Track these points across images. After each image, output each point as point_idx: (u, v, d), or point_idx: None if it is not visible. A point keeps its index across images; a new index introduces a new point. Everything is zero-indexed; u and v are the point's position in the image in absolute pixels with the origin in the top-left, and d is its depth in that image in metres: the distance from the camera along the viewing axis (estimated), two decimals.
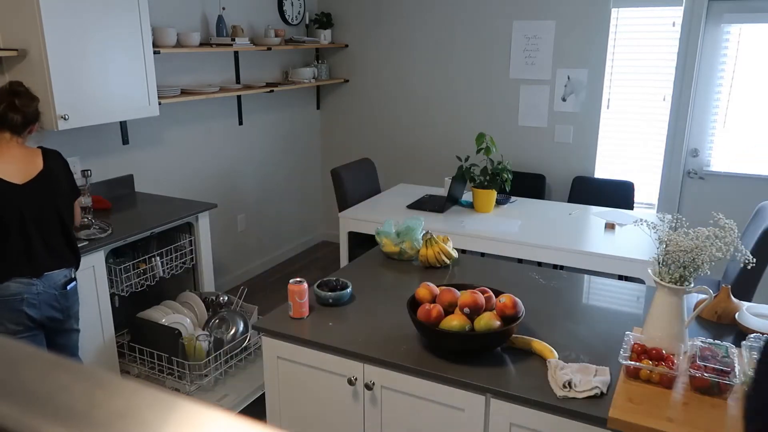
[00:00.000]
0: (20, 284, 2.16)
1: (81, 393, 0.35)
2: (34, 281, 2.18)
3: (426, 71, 4.65)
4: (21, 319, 2.19)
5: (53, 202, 2.22)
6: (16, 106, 2.17)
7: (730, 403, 1.46)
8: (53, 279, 2.24)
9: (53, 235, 2.24)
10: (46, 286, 2.22)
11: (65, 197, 2.27)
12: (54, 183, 2.23)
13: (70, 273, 2.32)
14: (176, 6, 3.65)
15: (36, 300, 2.20)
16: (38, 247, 2.19)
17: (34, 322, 2.23)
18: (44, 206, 2.19)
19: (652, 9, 3.87)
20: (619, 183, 4.12)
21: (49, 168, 2.22)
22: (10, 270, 2.15)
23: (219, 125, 4.13)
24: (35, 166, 2.20)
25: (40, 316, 2.23)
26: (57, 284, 2.25)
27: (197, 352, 2.76)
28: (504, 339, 1.66)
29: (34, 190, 2.17)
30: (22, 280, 2.16)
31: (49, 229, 2.22)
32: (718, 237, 1.58)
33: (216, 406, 1.47)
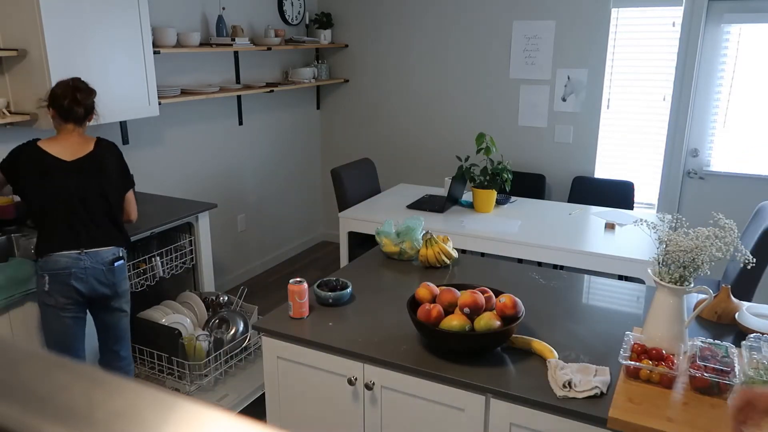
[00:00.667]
0: (69, 258, 2.26)
1: (81, 393, 0.35)
2: (81, 256, 2.28)
3: (426, 71, 4.65)
4: (70, 293, 2.28)
5: (98, 183, 2.32)
6: (78, 101, 2.31)
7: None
8: (101, 255, 2.33)
9: (99, 215, 2.34)
10: (94, 261, 2.31)
11: (112, 183, 2.37)
12: (100, 166, 2.33)
13: (118, 252, 2.40)
14: (176, 6, 3.65)
15: (84, 274, 2.29)
16: (84, 223, 2.30)
17: (83, 297, 2.32)
18: (90, 185, 2.30)
19: (652, 9, 3.87)
20: (619, 183, 4.12)
21: (98, 152, 2.35)
22: (58, 242, 2.26)
23: (219, 125, 4.13)
24: (86, 149, 2.33)
25: (88, 290, 2.32)
26: (105, 261, 2.34)
27: (197, 352, 2.76)
28: (504, 339, 1.65)
29: (81, 169, 2.29)
30: (70, 254, 2.26)
31: (95, 208, 2.32)
32: (718, 237, 1.58)
33: (216, 406, 1.47)
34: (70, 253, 2.27)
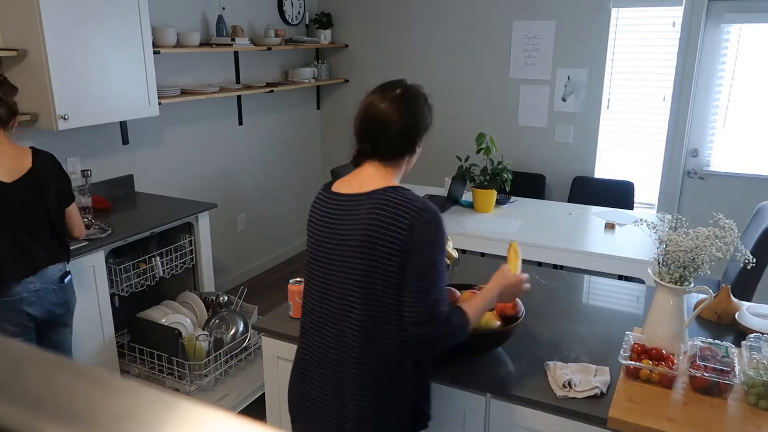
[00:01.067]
0: (18, 284, 2.14)
1: (81, 393, 0.35)
2: (31, 279, 2.16)
3: (426, 71, 4.65)
4: (21, 319, 2.17)
5: (40, 203, 2.16)
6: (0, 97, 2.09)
7: (730, 403, 1.46)
8: (48, 275, 2.22)
9: (42, 234, 2.19)
10: (43, 282, 2.20)
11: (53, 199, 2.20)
12: (40, 183, 2.16)
13: (64, 267, 2.30)
14: (176, 6, 3.65)
15: (35, 297, 2.18)
16: (30, 245, 2.16)
17: (34, 321, 2.21)
18: (33, 205, 2.14)
19: (652, 9, 3.87)
20: (619, 183, 4.12)
21: (37, 168, 2.16)
22: (6, 270, 2.12)
23: (219, 125, 4.13)
24: (24, 164, 2.13)
25: (42, 313, 2.22)
26: (54, 279, 2.24)
27: (197, 352, 2.76)
28: (504, 339, 1.65)
29: (23, 189, 2.11)
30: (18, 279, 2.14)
31: (39, 228, 2.18)
32: (718, 237, 1.58)
33: (216, 406, 1.47)
34: (17, 278, 2.13)
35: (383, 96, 1.44)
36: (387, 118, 1.41)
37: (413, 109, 1.43)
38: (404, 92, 1.44)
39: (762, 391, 1.44)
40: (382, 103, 1.43)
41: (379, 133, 1.43)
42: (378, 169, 1.45)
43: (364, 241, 1.35)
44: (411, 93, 1.45)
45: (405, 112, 1.42)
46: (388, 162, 1.45)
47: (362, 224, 1.36)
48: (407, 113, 1.42)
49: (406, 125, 1.42)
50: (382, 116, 1.42)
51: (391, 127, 1.41)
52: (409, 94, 1.45)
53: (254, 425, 0.34)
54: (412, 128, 1.43)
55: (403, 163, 1.48)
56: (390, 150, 1.44)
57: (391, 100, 1.42)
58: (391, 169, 1.46)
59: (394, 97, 1.43)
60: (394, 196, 1.37)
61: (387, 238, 1.33)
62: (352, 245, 1.37)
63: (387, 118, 1.41)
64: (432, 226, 1.34)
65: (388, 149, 1.44)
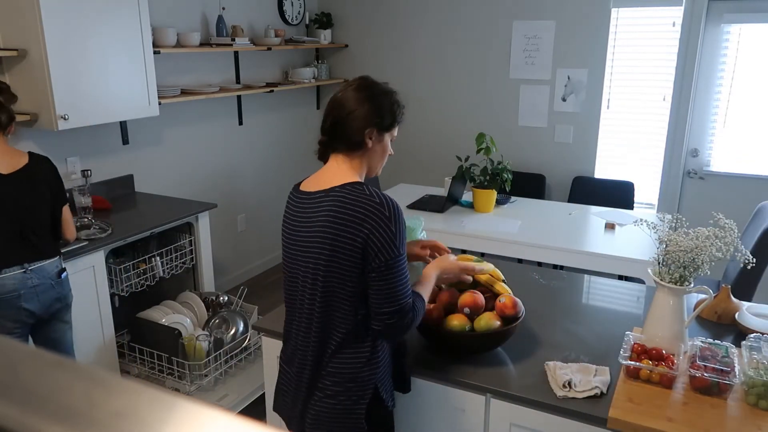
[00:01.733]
0: (14, 280, 2.15)
1: (81, 393, 0.35)
2: (28, 275, 2.18)
3: (426, 71, 4.65)
4: (20, 315, 2.18)
5: (37, 196, 2.20)
6: (1, 103, 2.16)
7: (730, 403, 1.46)
8: (46, 270, 2.23)
9: (39, 227, 2.22)
10: (41, 277, 2.21)
11: (48, 197, 2.23)
12: (37, 180, 2.20)
13: (60, 263, 2.31)
14: (176, 6, 3.65)
15: (33, 293, 2.19)
16: (26, 236, 2.17)
17: (33, 317, 2.22)
18: (28, 199, 2.18)
19: (652, 9, 3.87)
20: (619, 183, 4.12)
21: (33, 166, 2.20)
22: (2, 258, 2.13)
23: (219, 125, 4.13)
24: (20, 162, 2.18)
25: (40, 308, 2.22)
26: (51, 274, 2.25)
27: (197, 352, 2.76)
28: (504, 339, 1.65)
29: (20, 181, 2.16)
30: (15, 275, 2.15)
31: (36, 221, 2.20)
32: (718, 237, 1.58)
33: (216, 406, 1.47)
34: (14, 273, 2.14)
35: (344, 88, 1.48)
36: (340, 108, 1.45)
37: (366, 99, 1.44)
38: (361, 84, 1.47)
39: (762, 391, 1.44)
40: (340, 93, 1.47)
41: (331, 123, 1.47)
42: (340, 164, 1.47)
43: (324, 237, 1.38)
44: (368, 85, 1.47)
45: (357, 102, 1.44)
46: (347, 154, 1.47)
47: (322, 221, 1.39)
48: (359, 103, 1.44)
49: (354, 114, 1.43)
50: (336, 106, 1.46)
51: (340, 114, 1.44)
52: (366, 86, 1.47)
53: (254, 425, 0.34)
54: (360, 118, 1.43)
55: (361, 157, 1.48)
56: (341, 141, 1.46)
57: (346, 91, 1.46)
58: (351, 163, 1.47)
59: (352, 88, 1.46)
60: (351, 191, 1.39)
61: (346, 234, 1.36)
62: (313, 241, 1.40)
63: (340, 108, 1.45)
64: (391, 220, 1.36)
65: (339, 140, 1.46)
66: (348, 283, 1.39)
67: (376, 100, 1.45)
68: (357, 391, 1.44)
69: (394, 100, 1.50)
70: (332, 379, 1.44)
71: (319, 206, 1.42)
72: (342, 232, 1.36)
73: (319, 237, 1.39)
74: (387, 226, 1.36)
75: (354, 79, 1.49)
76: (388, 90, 1.50)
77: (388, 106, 1.48)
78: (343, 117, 1.44)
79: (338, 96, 1.47)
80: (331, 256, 1.38)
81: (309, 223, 1.43)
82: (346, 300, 1.41)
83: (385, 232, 1.35)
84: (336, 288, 1.40)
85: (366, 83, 1.47)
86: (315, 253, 1.40)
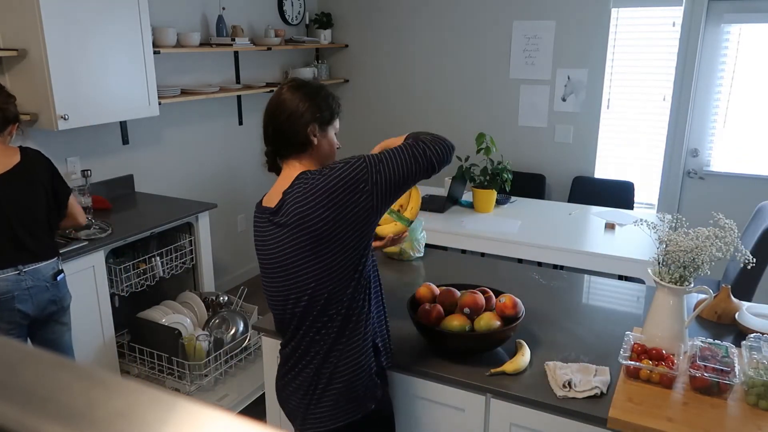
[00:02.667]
0: (8, 282, 2.13)
1: (81, 393, 0.35)
2: (22, 276, 2.15)
3: (426, 71, 4.65)
4: (14, 317, 2.16)
5: (31, 195, 2.17)
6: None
7: (730, 403, 1.46)
8: (41, 272, 2.21)
9: (33, 228, 2.19)
10: (35, 279, 2.19)
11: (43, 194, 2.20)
12: (31, 177, 2.17)
13: (56, 265, 2.28)
14: (176, 6, 3.65)
15: (27, 295, 2.17)
16: (20, 238, 2.15)
17: (28, 319, 2.20)
18: (22, 198, 2.15)
19: (652, 9, 3.87)
20: (619, 183, 4.12)
21: (26, 163, 2.17)
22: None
23: (219, 125, 4.13)
24: (12, 161, 2.15)
25: (35, 310, 2.20)
26: (46, 276, 2.22)
27: (197, 352, 2.76)
28: (504, 339, 1.65)
29: (12, 181, 2.13)
30: (8, 276, 2.13)
31: (30, 221, 2.17)
32: (718, 237, 1.58)
33: (216, 406, 1.47)
34: (8, 275, 2.12)
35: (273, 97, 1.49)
36: (276, 115, 1.46)
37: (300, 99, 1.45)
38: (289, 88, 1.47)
39: (762, 391, 1.44)
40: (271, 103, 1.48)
41: (272, 131, 1.47)
42: (293, 169, 1.47)
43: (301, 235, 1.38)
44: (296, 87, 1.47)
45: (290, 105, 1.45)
46: (296, 158, 1.48)
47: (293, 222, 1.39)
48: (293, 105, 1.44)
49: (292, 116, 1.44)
50: (272, 114, 1.47)
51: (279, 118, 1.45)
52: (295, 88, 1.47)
53: (254, 425, 0.34)
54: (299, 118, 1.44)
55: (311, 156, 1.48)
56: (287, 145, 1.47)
57: (277, 98, 1.47)
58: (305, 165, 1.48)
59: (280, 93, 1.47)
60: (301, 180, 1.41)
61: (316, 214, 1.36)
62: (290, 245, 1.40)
63: (276, 115, 1.46)
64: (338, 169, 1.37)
65: (285, 145, 1.47)
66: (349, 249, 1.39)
67: (310, 97, 1.46)
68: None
69: (327, 93, 1.51)
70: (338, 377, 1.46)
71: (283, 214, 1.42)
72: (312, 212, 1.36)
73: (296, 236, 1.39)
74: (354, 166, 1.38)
75: (282, 84, 1.50)
76: (318, 85, 1.51)
77: (323, 100, 1.48)
78: (283, 121, 1.44)
79: (272, 102, 1.47)
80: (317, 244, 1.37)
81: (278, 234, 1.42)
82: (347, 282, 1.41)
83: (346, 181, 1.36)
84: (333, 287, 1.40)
85: (296, 84, 1.48)
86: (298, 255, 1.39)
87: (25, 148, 2.21)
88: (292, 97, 1.45)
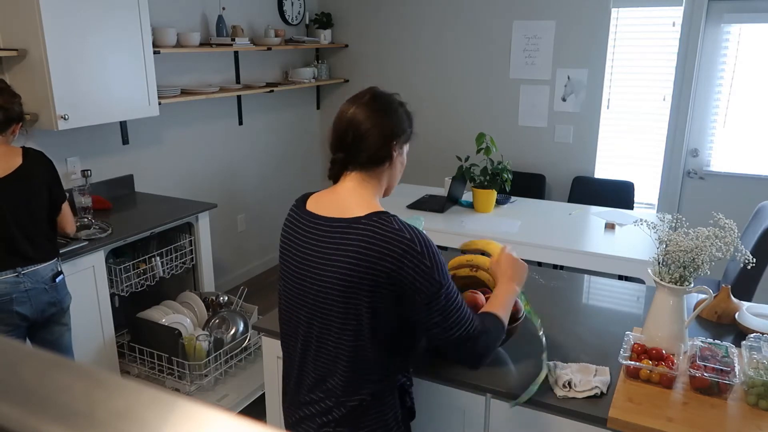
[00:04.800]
0: (6, 284, 2.12)
1: (81, 393, 0.35)
2: (20, 278, 2.15)
3: (426, 71, 4.65)
4: (13, 319, 2.16)
5: (31, 198, 2.16)
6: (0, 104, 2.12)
7: (730, 403, 1.46)
8: (40, 274, 2.20)
9: (33, 232, 2.18)
10: (34, 281, 2.18)
11: (43, 197, 2.20)
12: (31, 180, 2.16)
13: (56, 266, 2.28)
14: (176, 6, 3.65)
15: (25, 297, 2.16)
16: (18, 241, 2.14)
17: (27, 320, 2.20)
18: (22, 202, 2.14)
19: (652, 9, 3.87)
20: (619, 183, 4.12)
21: (27, 165, 2.16)
22: None
23: (219, 125, 4.13)
24: (13, 163, 2.14)
25: (34, 312, 2.20)
26: (45, 278, 2.22)
27: (197, 352, 2.76)
28: (504, 339, 1.65)
29: (12, 185, 2.12)
30: (7, 278, 2.12)
31: (29, 225, 2.17)
32: (718, 237, 1.58)
33: (216, 406, 1.47)
34: (6, 277, 2.12)
35: (355, 102, 1.39)
36: (359, 122, 1.35)
37: (385, 111, 1.39)
38: (375, 96, 1.40)
39: (762, 391, 1.44)
40: (353, 108, 1.38)
41: (352, 139, 1.36)
42: (356, 184, 1.39)
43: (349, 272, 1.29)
44: (382, 97, 1.41)
45: (377, 115, 1.37)
46: (366, 172, 1.39)
47: (348, 255, 1.28)
48: (379, 115, 1.37)
49: (377, 127, 1.36)
50: (354, 121, 1.36)
51: (363, 130, 1.36)
52: (381, 98, 1.41)
53: (254, 425, 0.34)
54: (384, 130, 1.37)
55: (382, 173, 1.41)
56: (365, 156, 1.37)
57: (362, 105, 1.38)
58: (371, 182, 1.39)
59: (365, 101, 1.38)
60: (380, 226, 1.29)
61: (375, 271, 1.27)
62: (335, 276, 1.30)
63: (359, 122, 1.35)
64: (424, 255, 1.29)
65: (363, 155, 1.37)
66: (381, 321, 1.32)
67: (394, 111, 1.40)
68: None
69: (406, 110, 1.45)
70: None
71: (343, 237, 1.31)
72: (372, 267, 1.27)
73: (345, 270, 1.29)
74: (421, 262, 1.28)
75: (363, 92, 1.42)
76: (400, 101, 1.45)
77: (405, 116, 1.43)
78: (365, 131, 1.36)
79: (353, 111, 1.38)
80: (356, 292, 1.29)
81: (330, 253, 1.32)
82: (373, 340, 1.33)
83: (423, 266, 1.28)
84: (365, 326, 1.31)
85: (379, 94, 1.41)
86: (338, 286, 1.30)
87: (27, 149, 2.21)
88: (376, 108, 1.37)
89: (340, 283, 1.29)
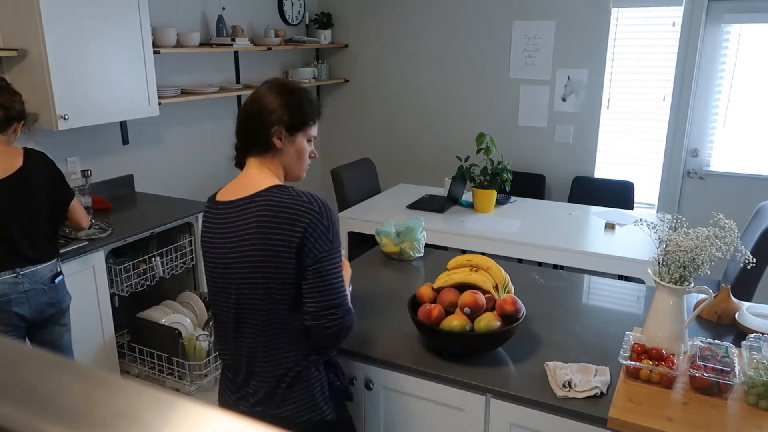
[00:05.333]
0: (5, 285, 2.12)
1: (81, 393, 0.35)
2: (19, 279, 2.14)
3: (426, 71, 4.65)
4: (11, 320, 2.15)
5: (31, 200, 2.15)
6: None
7: (730, 403, 1.46)
8: (39, 275, 2.19)
9: (33, 233, 2.17)
10: (33, 282, 2.17)
11: (45, 198, 2.18)
12: (32, 182, 2.15)
13: (56, 267, 2.27)
14: (176, 6, 3.65)
15: (24, 298, 2.15)
16: (18, 242, 2.13)
17: (25, 321, 2.19)
18: (22, 203, 2.13)
19: (652, 9, 3.87)
20: (619, 183, 4.12)
21: (28, 166, 2.15)
22: None
23: (219, 125, 4.14)
24: (15, 164, 2.13)
25: (32, 313, 2.19)
26: (44, 279, 2.21)
27: (197, 352, 2.76)
28: (504, 339, 1.65)
29: (15, 186, 2.11)
30: (6, 279, 2.12)
31: (29, 226, 2.16)
32: (718, 237, 1.58)
33: (216, 406, 1.47)
34: (5, 278, 2.11)
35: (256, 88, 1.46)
36: (243, 110, 1.44)
37: (275, 97, 1.42)
38: (268, 84, 1.44)
39: (762, 391, 1.44)
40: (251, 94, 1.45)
41: (240, 125, 1.45)
42: (256, 168, 1.44)
43: (256, 244, 1.35)
44: (277, 85, 1.44)
45: (260, 102, 1.42)
46: (258, 158, 1.44)
47: (252, 228, 1.36)
48: (262, 103, 1.41)
49: (257, 114, 1.41)
50: (243, 108, 1.45)
51: (246, 116, 1.43)
52: (276, 84, 1.44)
53: (254, 425, 0.34)
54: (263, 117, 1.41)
55: (273, 159, 1.45)
56: (249, 142, 1.44)
57: (254, 93, 1.45)
58: (269, 168, 1.45)
59: (257, 89, 1.44)
60: (278, 194, 1.37)
61: (280, 237, 1.33)
62: (245, 250, 1.37)
63: (243, 110, 1.44)
64: (323, 215, 1.36)
65: (247, 142, 1.45)
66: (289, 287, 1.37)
67: (285, 98, 1.42)
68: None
69: (304, 97, 1.45)
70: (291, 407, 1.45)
71: (245, 213, 1.38)
72: (276, 236, 1.33)
73: (250, 245, 1.36)
74: (319, 221, 1.35)
75: (266, 80, 1.47)
76: (298, 88, 1.46)
77: (297, 105, 1.43)
78: (251, 117, 1.42)
79: (249, 97, 1.45)
80: (266, 263, 1.35)
81: (236, 233, 1.39)
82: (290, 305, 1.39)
83: (318, 228, 1.35)
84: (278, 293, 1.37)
85: (275, 83, 1.45)
86: (248, 263, 1.37)
87: (29, 149, 2.19)
88: (265, 94, 1.42)
89: (253, 254, 1.36)
